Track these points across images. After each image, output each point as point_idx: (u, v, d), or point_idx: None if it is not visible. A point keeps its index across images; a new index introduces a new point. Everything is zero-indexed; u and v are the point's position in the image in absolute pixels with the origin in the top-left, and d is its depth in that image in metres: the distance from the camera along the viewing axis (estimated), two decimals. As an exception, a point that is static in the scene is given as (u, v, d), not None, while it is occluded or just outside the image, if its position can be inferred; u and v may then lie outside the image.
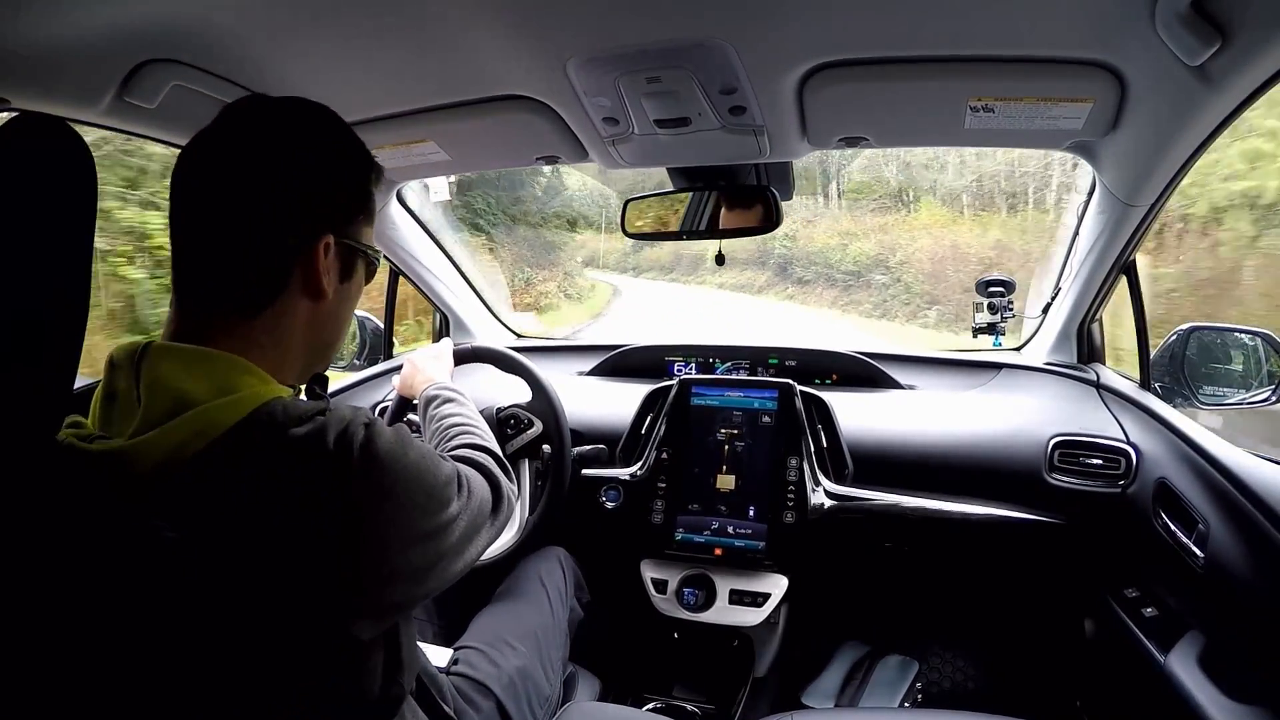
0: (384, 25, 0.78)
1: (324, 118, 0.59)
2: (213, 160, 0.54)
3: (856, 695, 1.41)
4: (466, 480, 0.62)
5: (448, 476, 0.58)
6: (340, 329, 0.64)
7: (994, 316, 1.44)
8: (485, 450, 0.76)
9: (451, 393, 0.94)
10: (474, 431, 0.82)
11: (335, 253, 0.58)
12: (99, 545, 0.44)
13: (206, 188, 0.54)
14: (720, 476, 1.27)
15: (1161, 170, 0.93)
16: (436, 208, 1.62)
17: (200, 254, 0.54)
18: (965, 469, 1.24)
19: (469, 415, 0.88)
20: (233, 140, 0.55)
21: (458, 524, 0.58)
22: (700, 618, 1.23)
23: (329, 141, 0.59)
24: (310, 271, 0.56)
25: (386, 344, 1.69)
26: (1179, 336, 1.20)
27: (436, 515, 0.55)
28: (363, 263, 0.63)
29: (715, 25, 0.76)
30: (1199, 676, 0.93)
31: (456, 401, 0.91)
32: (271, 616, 0.46)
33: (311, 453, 0.48)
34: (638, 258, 13.85)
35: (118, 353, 0.52)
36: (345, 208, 0.59)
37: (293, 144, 0.56)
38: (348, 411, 0.53)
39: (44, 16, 0.70)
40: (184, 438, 0.47)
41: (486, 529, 0.64)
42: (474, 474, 0.65)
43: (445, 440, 0.80)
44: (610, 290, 11.95)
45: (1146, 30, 0.69)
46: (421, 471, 0.54)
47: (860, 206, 10.62)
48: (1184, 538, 0.98)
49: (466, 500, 0.60)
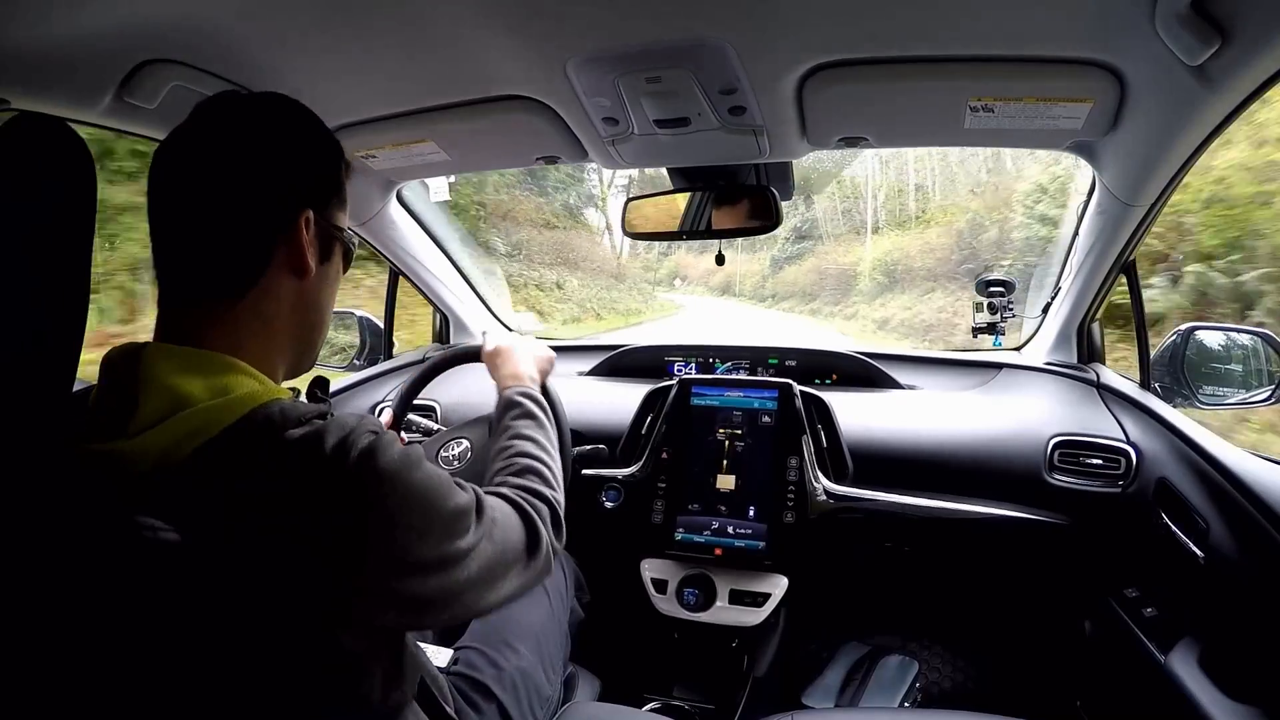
0: (384, 25, 0.78)
1: (294, 108, 0.60)
2: (186, 151, 0.54)
3: (856, 695, 1.41)
4: (490, 514, 0.59)
5: (459, 507, 0.55)
6: (324, 313, 0.63)
7: (994, 316, 1.44)
8: (540, 497, 0.69)
9: (537, 407, 0.83)
10: (540, 470, 0.74)
11: (315, 231, 0.58)
12: (96, 544, 0.44)
13: (182, 176, 0.54)
14: (720, 476, 1.27)
15: (1161, 170, 0.93)
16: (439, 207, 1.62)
17: (179, 241, 0.54)
18: (965, 469, 1.24)
19: (544, 446, 0.78)
20: (205, 131, 0.55)
21: (471, 559, 0.55)
22: (700, 618, 1.23)
23: (300, 128, 0.59)
24: (294, 247, 0.56)
25: (386, 344, 1.69)
26: (1179, 336, 1.20)
27: (440, 545, 0.53)
28: (339, 248, 0.63)
29: (715, 25, 0.76)
30: (1199, 676, 0.92)
31: (538, 421, 0.81)
32: (263, 619, 0.46)
33: (306, 456, 0.48)
34: (775, 283, 12.73)
35: (114, 353, 0.52)
36: (320, 190, 0.60)
37: (265, 129, 0.57)
38: (353, 420, 0.51)
39: (44, 16, 0.70)
40: (180, 437, 0.47)
41: (517, 572, 0.61)
42: (506, 510, 0.62)
43: (506, 468, 0.73)
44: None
45: (1146, 30, 0.69)
46: (426, 494, 0.52)
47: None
48: (1184, 538, 0.98)
49: (485, 535, 0.57)
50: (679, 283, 17.61)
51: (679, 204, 1.23)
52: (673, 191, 1.23)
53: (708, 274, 16.20)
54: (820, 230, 13.33)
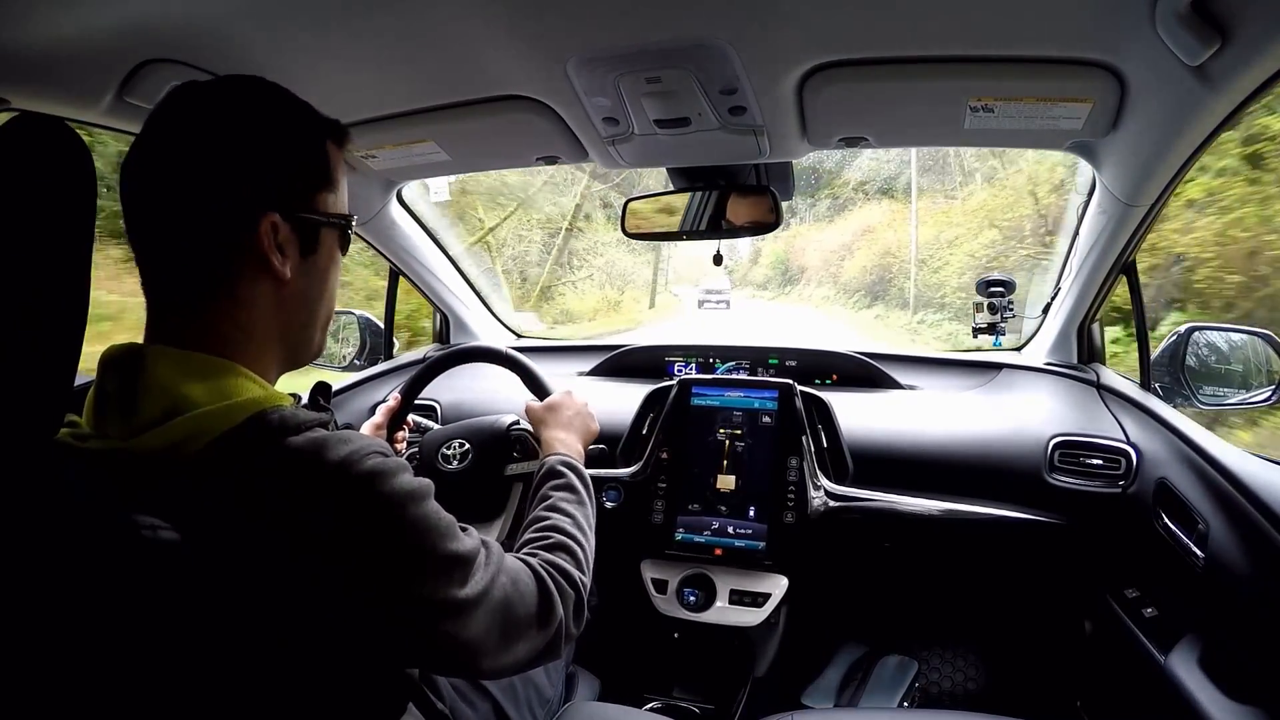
0: (384, 25, 0.78)
1: (262, 95, 0.56)
2: (145, 150, 0.53)
3: (856, 695, 1.41)
4: (501, 572, 0.57)
5: (459, 553, 0.53)
6: (314, 309, 0.60)
7: (994, 316, 1.44)
8: (567, 577, 0.65)
9: (579, 481, 0.81)
10: (572, 548, 0.70)
11: (289, 230, 0.54)
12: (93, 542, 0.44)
13: (141, 178, 0.52)
14: (720, 476, 1.27)
15: (1161, 170, 0.93)
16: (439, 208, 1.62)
17: (144, 244, 0.53)
18: (965, 469, 1.24)
19: (581, 524, 0.75)
20: (159, 129, 0.53)
21: (475, 611, 0.53)
22: (700, 618, 1.22)
23: (261, 117, 0.55)
24: (258, 252, 0.53)
25: (387, 344, 1.69)
26: (1179, 336, 1.20)
27: (436, 588, 0.51)
28: (330, 233, 0.59)
29: (715, 25, 0.76)
30: (1199, 676, 0.92)
31: (579, 498, 0.79)
32: (258, 620, 0.46)
33: (308, 464, 0.47)
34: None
35: (111, 352, 0.52)
36: (291, 182, 0.55)
37: (224, 126, 0.53)
38: (364, 439, 0.50)
39: (44, 16, 0.70)
40: (178, 441, 0.47)
41: (528, 639, 0.59)
42: (524, 576, 0.60)
43: (537, 540, 0.70)
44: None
45: (1146, 30, 0.69)
46: (426, 531, 0.51)
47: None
48: (1184, 538, 0.98)
49: (490, 592, 0.55)
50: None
51: (679, 204, 1.23)
52: (673, 192, 1.23)
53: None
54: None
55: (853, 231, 14.40)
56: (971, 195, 10.84)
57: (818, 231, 16.43)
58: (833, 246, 15.20)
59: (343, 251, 0.62)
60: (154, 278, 0.54)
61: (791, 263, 18.47)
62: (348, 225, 0.61)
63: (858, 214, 14.45)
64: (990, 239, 9.48)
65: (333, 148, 0.59)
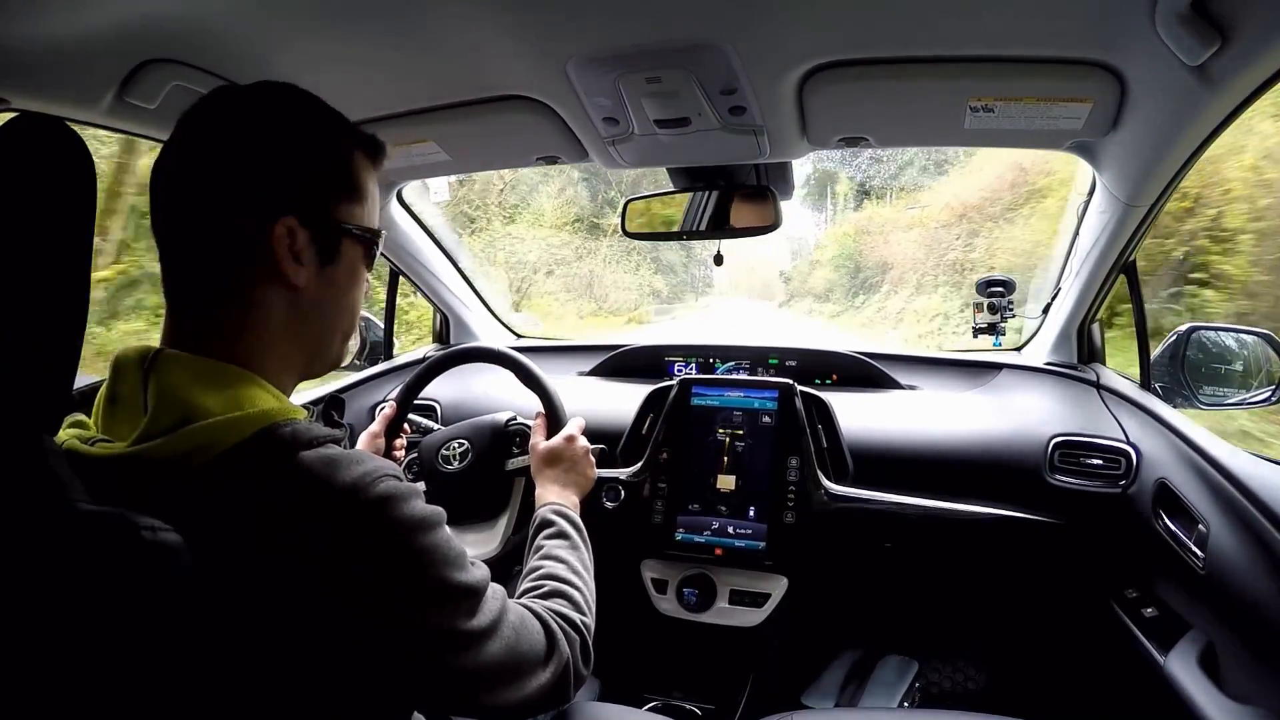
0: (384, 26, 0.78)
1: (284, 97, 0.56)
2: (170, 155, 0.53)
3: (856, 695, 1.41)
4: (506, 611, 0.57)
5: (468, 584, 0.53)
6: (332, 319, 0.59)
7: (994, 316, 1.44)
8: (568, 620, 0.66)
9: (573, 529, 0.82)
10: (569, 593, 0.70)
11: (307, 237, 0.54)
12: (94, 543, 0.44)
13: (163, 181, 0.53)
14: (720, 476, 1.27)
15: (1161, 170, 0.93)
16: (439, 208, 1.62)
17: (165, 246, 0.54)
18: (966, 469, 1.24)
19: (576, 569, 0.75)
20: (187, 132, 0.54)
21: (484, 643, 0.53)
22: (700, 618, 1.23)
23: (284, 120, 0.55)
24: (273, 259, 0.52)
25: (386, 344, 1.69)
26: (1179, 336, 1.20)
27: (442, 616, 0.51)
28: (353, 246, 0.58)
29: (715, 25, 0.76)
30: (1199, 676, 0.92)
31: (572, 543, 0.80)
32: (261, 626, 0.46)
33: (318, 483, 0.47)
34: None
35: (124, 356, 0.52)
36: (313, 187, 0.55)
37: (240, 125, 0.53)
38: (377, 461, 0.50)
39: (44, 16, 0.70)
40: (189, 450, 0.46)
41: (539, 674, 0.58)
42: (526, 616, 0.60)
43: (534, 590, 0.70)
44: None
45: (1146, 30, 0.69)
46: (432, 562, 0.50)
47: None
48: (1184, 538, 0.98)
49: (498, 626, 0.55)
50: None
51: (679, 204, 1.23)
52: (673, 192, 1.23)
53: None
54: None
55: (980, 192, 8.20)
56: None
57: (904, 209, 9.77)
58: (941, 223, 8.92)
59: (367, 267, 0.61)
60: (173, 280, 0.54)
61: (865, 258, 11.65)
62: (374, 239, 0.59)
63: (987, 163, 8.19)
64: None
65: (362, 159, 0.58)
